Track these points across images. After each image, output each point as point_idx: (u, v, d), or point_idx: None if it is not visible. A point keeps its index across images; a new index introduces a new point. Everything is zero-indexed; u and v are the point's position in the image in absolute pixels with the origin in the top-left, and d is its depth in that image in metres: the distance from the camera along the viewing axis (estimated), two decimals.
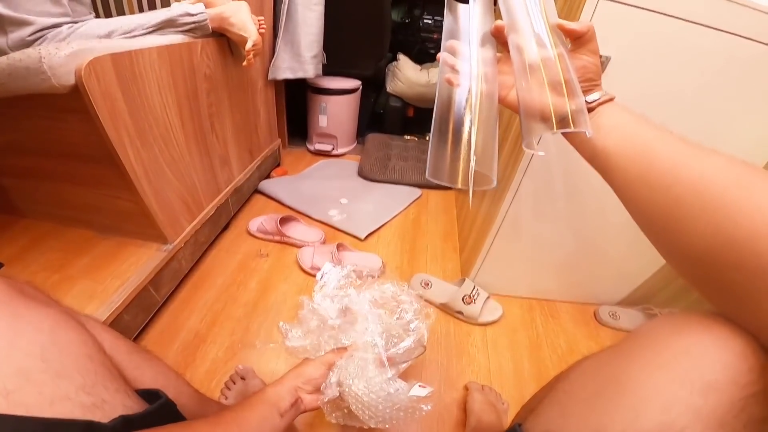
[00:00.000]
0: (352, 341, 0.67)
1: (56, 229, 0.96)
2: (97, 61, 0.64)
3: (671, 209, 0.33)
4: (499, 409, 0.83)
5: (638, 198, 0.36)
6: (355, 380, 0.58)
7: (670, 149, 0.35)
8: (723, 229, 0.28)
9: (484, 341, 1.02)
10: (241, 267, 1.16)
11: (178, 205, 0.97)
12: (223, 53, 1.06)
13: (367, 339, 0.65)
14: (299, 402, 0.56)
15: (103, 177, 0.81)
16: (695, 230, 0.30)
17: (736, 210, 0.28)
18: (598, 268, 1.10)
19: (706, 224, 0.29)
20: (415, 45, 2.00)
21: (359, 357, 0.62)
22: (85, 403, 0.36)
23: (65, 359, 0.38)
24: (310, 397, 0.58)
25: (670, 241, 0.34)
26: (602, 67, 0.72)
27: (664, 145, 0.35)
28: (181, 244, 0.98)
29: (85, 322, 0.49)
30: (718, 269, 0.29)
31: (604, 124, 0.40)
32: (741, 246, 0.27)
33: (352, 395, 0.57)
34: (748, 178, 0.29)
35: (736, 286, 0.28)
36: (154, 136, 0.84)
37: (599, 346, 1.06)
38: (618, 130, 0.39)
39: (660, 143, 0.36)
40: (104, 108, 0.68)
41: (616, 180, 0.39)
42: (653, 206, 0.35)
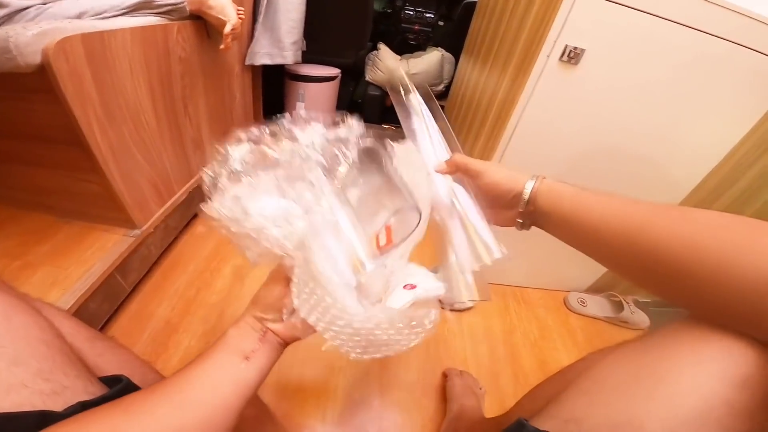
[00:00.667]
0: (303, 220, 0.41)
1: (15, 215, 0.90)
2: (67, 40, 0.63)
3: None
4: (478, 394, 0.85)
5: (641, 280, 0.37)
6: (324, 298, 0.37)
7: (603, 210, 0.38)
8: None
9: (460, 327, 1.04)
10: (215, 253, 1.13)
11: (147, 189, 0.93)
12: (200, 36, 1.03)
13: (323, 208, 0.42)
14: (269, 335, 0.41)
15: (68, 159, 0.78)
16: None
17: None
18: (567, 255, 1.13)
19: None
20: (396, 35, 2.00)
21: (320, 252, 0.39)
22: (44, 390, 0.34)
23: (20, 345, 0.36)
24: (279, 326, 0.42)
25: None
26: (577, 59, 0.75)
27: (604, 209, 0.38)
28: (151, 230, 0.95)
29: (42, 308, 0.47)
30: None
31: (555, 209, 0.42)
32: None
33: (324, 322, 0.38)
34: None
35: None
36: (124, 117, 0.81)
37: (570, 333, 1.11)
38: (565, 200, 0.42)
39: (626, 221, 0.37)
40: (71, 88, 0.65)
41: (601, 258, 0.40)
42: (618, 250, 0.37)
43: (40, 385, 0.35)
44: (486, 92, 1.07)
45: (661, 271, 0.33)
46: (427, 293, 0.43)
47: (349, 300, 0.38)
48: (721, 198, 0.97)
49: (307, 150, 0.42)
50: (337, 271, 0.40)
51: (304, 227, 0.39)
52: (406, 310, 0.41)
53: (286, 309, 0.41)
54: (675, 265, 0.32)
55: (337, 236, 0.42)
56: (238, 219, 0.38)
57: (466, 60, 1.48)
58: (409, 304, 0.42)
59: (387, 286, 0.44)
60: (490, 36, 1.13)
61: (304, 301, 0.38)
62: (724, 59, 0.74)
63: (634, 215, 0.36)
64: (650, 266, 0.34)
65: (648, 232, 0.34)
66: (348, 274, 0.41)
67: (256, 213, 0.38)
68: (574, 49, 0.74)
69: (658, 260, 0.33)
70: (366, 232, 0.44)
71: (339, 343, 0.38)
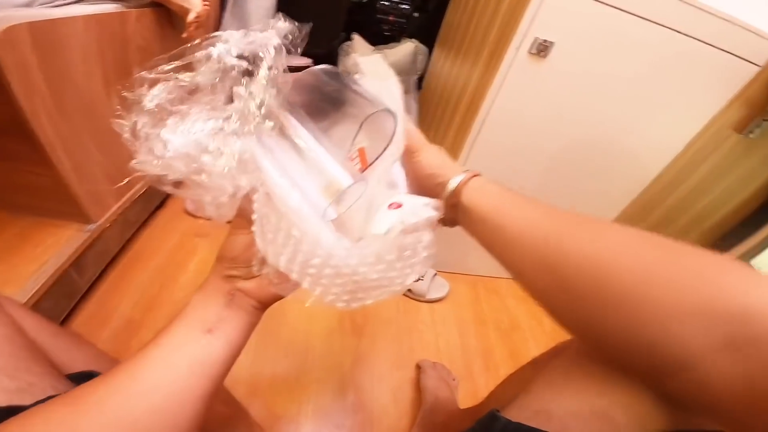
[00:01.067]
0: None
1: None
2: (13, 29, 0.60)
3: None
4: (451, 385, 0.86)
5: (543, 296, 0.35)
6: (292, 235, 0.30)
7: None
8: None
9: (432, 318, 1.05)
10: (179, 247, 1.09)
11: (103, 181, 0.89)
12: (161, 24, 1.00)
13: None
14: (239, 297, 0.34)
15: (14, 151, 0.73)
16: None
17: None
18: None
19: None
20: (371, 26, 1.97)
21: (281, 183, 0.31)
22: (9, 388, 0.33)
23: None
24: (251, 283, 0.34)
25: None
26: (546, 52, 0.76)
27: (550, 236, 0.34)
28: (107, 224, 0.90)
29: (2, 303, 0.44)
30: None
31: (475, 209, 0.39)
32: None
33: (297, 265, 0.30)
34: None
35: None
36: (76, 107, 0.77)
37: (538, 323, 1.14)
38: (495, 211, 0.38)
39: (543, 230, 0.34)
40: (17, 78, 0.62)
41: (508, 267, 0.38)
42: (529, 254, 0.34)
43: (4, 382, 0.33)
44: (458, 84, 1.07)
45: (569, 289, 0.30)
46: (417, 215, 0.35)
47: (325, 233, 0.31)
48: (680, 187, 1.01)
49: (225, 60, 0.32)
50: (307, 199, 0.32)
51: (244, 144, 0.31)
52: (394, 238, 0.33)
53: (255, 259, 0.32)
54: (582, 284, 0.29)
55: (295, 154, 0.33)
56: (172, 164, 0.30)
57: (440, 52, 1.49)
58: (397, 231, 0.33)
59: (370, 216, 0.35)
60: (464, 28, 1.13)
61: (270, 241, 0.30)
62: (686, 55, 0.77)
63: (552, 225, 0.33)
64: (559, 284, 0.31)
65: (562, 245, 0.31)
66: (321, 203, 0.33)
67: (188, 146, 0.30)
68: (543, 42, 0.75)
69: (565, 277, 0.30)
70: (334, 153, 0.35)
71: (321, 291, 0.31)
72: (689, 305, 0.23)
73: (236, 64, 0.32)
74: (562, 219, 0.33)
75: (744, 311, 0.22)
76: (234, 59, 0.32)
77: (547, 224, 0.33)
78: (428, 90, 1.57)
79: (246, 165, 0.30)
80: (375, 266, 0.31)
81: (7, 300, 0.47)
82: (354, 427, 0.80)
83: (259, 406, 0.78)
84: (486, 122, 0.87)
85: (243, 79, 0.32)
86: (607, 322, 0.28)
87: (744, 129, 0.86)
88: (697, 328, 0.23)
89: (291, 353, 0.89)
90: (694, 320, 0.23)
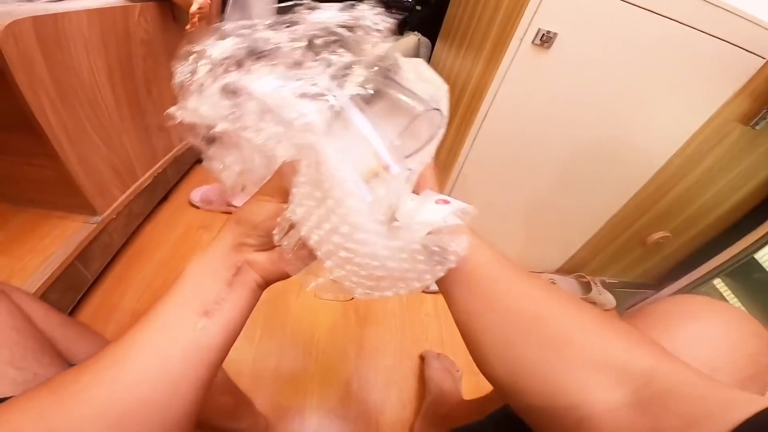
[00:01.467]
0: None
1: None
2: (16, 24, 0.60)
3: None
4: (455, 377, 0.86)
5: (471, 345, 0.34)
6: (335, 211, 0.28)
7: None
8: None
9: (436, 310, 1.05)
10: (183, 240, 1.10)
11: (108, 174, 0.89)
12: (165, 18, 1.00)
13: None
14: (245, 271, 0.31)
15: (19, 144, 0.74)
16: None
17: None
18: (538, 237, 1.17)
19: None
20: None
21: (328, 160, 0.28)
22: (16, 380, 0.33)
23: None
24: (262, 256, 0.31)
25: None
26: (549, 42, 0.76)
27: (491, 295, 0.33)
28: (113, 216, 0.91)
29: (10, 292, 0.43)
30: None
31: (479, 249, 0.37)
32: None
33: (331, 243, 0.28)
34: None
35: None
36: (80, 100, 0.78)
37: None
38: None
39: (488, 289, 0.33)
40: (22, 72, 0.63)
41: (453, 314, 0.36)
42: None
43: (11, 374, 0.33)
44: (461, 76, 1.06)
45: (508, 327, 0.30)
46: (464, 212, 0.33)
47: (369, 219, 0.29)
48: (684, 180, 1.01)
49: (315, 31, 0.30)
50: (353, 178, 0.29)
51: (321, 110, 0.28)
52: (430, 235, 0.31)
53: (278, 228, 0.29)
54: (523, 321, 0.30)
55: (350, 132, 0.31)
56: (224, 115, 0.28)
57: (443, 45, 1.48)
58: (438, 226, 0.31)
59: (400, 201, 0.33)
60: (466, 20, 1.12)
61: (307, 213, 0.28)
62: (691, 47, 0.77)
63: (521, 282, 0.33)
64: (500, 321, 0.31)
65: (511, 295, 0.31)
66: (362, 185, 0.30)
67: (256, 94, 0.28)
68: (547, 33, 0.74)
69: (507, 313, 0.31)
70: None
71: (343, 274, 0.29)
72: (608, 357, 0.26)
73: (334, 32, 0.30)
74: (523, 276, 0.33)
75: (651, 373, 0.24)
76: (335, 27, 0.30)
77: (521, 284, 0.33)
78: None
79: (310, 130, 0.28)
80: (403, 259, 0.30)
81: (15, 290, 0.47)
82: (358, 417, 0.81)
83: (264, 397, 0.79)
84: (489, 114, 0.86)
85: (338, 49, 0.30)
86: (534, 358, 0.28)
87: (750, 121, 0.86)
88: (609, 378, 0.25)
89: (295, 344, 0.90)
90: (608, 372, 0.25)
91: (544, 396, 0.27)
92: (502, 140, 0.91)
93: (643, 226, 1.14)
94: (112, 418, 0.25)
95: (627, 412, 0.23)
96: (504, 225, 1.12)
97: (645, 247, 1.19)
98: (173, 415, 0.27)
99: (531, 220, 1.11)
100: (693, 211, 1.10)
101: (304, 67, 0.30)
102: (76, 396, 0.25)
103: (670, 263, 1.28)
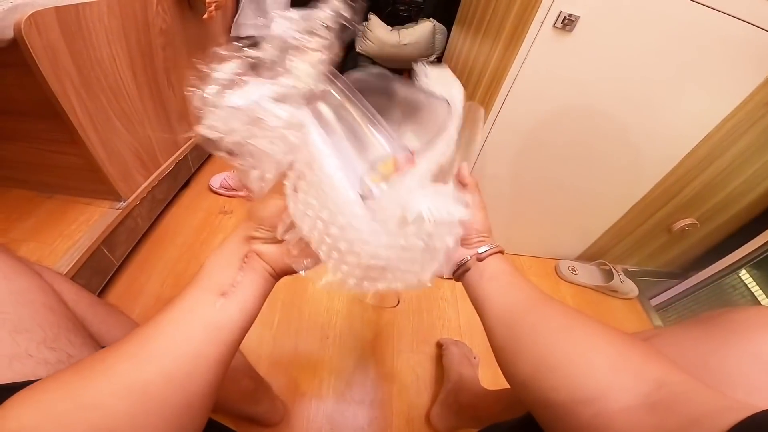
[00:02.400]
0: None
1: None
2: (39, 14, 0.62)
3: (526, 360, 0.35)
4: (473, 364, 0.86)
5: (504, 348, 0.37)
6: (327, 207, 0.31)
7: (531, 314, 0.37)
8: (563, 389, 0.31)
9: (454, 295, 1.05)
10: (204, 225, 1.12)
11: (131, 160, 0.91)
12: (181, 7, 1.01)
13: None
14: (254, 260, 0.34)
15: (45, 132, 0.76)
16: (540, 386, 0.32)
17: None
18: (558, 223, 1.15)
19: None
20: (387, 6, 1.93)
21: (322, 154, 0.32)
22: (49, 360, 0.32)
23: (23, 311, 0.34)
24: (269, 248, 0.35)
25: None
26: (571, 26, 0.74)
27: (528, 308, 0.38)
28: (137, 201, 0.93)
29: (41, 271, 0.44)
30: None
31: (487, 272, 0.43)
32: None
33: (327, 245, 0.32)
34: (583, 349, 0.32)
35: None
36: (103, 88, 0.79)
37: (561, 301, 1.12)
38: (497, 280, 0.42)
39: (525, 304, 0.38)
40: (46, 61, 0.64)
41: (487, 323, 0.41)
42: (514, 355, 0.36)
43: (45, 354, 0.32)
44: (478, 61, 1.05)
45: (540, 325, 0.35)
46: (450, 213, 0.34)
47: (352, 205, 0.31)
48: (711, 167, 0.98)
49: (287, 37, 0.34)
50: (350, 171, 0.32)
51: (295, 111, 0.32)
52: (414, 226, 0.33)
53: (282, 225, 0.33)
54: (552, 332, 0.34)
55: (349, 131, 0.34)
56: (235, 129, 0.32)
57: (459, 30, 1.45)
58: (421, 220, 0.33)
59: (402, 210, 0.34)
60: (483, 4, 1.10)
61: (302, 211, 0.31)
62: (720, 30, 0.73)
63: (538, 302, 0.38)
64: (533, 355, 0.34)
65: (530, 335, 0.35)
66: (366, 179, 0.33)
67: (247, 107, 0.32)
68: (569, 16, 0.72)
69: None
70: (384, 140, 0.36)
71: (333, 263, 0.32)
72: (626, 363, 0.29)
73: (295, 40, 0.34)
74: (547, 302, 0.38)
75: (661, 380, 0.27)
76: (293, 36, 0.34)
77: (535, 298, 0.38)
78: None
79: (295, 130, 0.32)
80: (395, 243, 0.32)
81: (46, 269, 0.47)
82: (374, 402, 0.81)
83: (282, 381, 0.80)
84: (508, 99, 0.85)
85: (297, 53, 0.34)
86: (561, 358, 0.32)
87: None
88: (626, 380, 0.28)
89: (313, 329, 0.91)
90: (626, 374, 0.28)
91: (566, 390, 0.30)
92: (522, 125, 0.89)
93: (668, 213, 1.11)
94: (136, 391, 0.26)
95: (637, 411, 0.26)
96: (524, 210, 1.10)
97: (670, 235, 1.16)
98: (194, 389, 0.29)
99: (551, 206, 1.09)
100: (721, 198, 1.06)
101: (277, 74, 0.34)
102: (104, 372, 0.27)
103: (695, 252, 1.25)
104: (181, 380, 0.28)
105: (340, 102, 0.36)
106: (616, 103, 0.85)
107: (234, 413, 0.71)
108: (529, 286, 0.40)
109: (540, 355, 0.33)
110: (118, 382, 0.26)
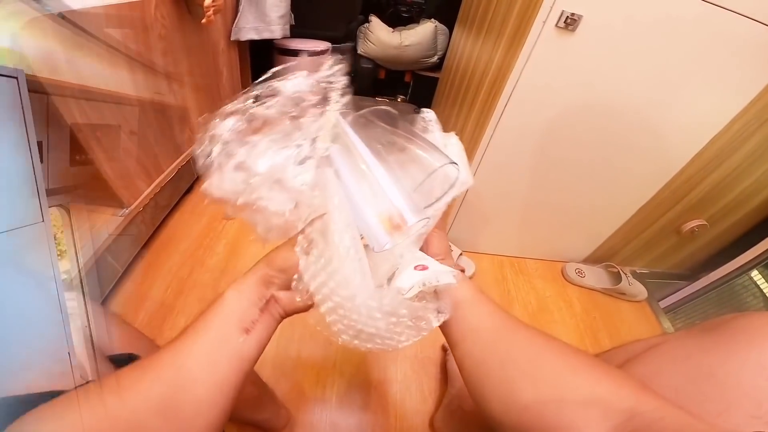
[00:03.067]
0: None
1: None
2: (35, 21, 0.61)
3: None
4: None
5: (474, 385, 0.39)
6: (333, 276, 0.35)
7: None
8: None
9: None
10: (207, 230, 1.12)
11: (133, 167, 0.91)
12: (180, 12, 1.00)
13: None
14: (272, 304, 0.38)
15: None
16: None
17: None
18: (565, 226, 1.13)
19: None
20: (388, 7, 1.93)
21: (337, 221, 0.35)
22: (53, 372, 0.34)
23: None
24: (285, 294, 0.38)
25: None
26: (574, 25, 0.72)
27: (495, 340, 0.39)
28: (140, 208, 0.93)
29: None
30: None
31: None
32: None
33: (329, 306, 0.36)
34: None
35: None
36: (104, 95, 0.79)
37: (567, 305, 1.11)
38: (460, 309, 0.42)
39: (491, 337, 0.39)
40: (44, 67, 0.64)
41: (456, 353, 0.42)
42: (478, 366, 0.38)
43: (48, 365, 0.34)
44: (480, 62, 1.04)
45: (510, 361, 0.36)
46: (438, 278, 0.38)
47: (357, 275, 0.35)
48: (720, 168, 0.96)
49: (294, 97, 0.36)
50: (365, 225, 0.35)
51: (318, 173, 0.35)
52: (411, 297, 0.37)
53: (296, 277, 0.37)
54: (526, 359, 0.35)
55: (363, 179, 0.36)
56: (242, 190, 0.35)
57: (460, 31, 1.44)
58: (417, 290, 0.37)
59: (394, 268, 0.39)
60: (485, 4, 1.09)
61: (312, 273, 0.35)
62: (728, 29, 0.72)
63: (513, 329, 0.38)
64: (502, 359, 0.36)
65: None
66: (379, 232, 0.36)
67: (259, 172, 0.34)
68: (572, 15, 0.71)
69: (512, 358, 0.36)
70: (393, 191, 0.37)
71: (332, 320, 0.36)
72: (595, 396, 0.30)
73: (307, 98, 0.36)
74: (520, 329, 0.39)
75: (633, 410, 0.28)
76: (307, 94, 0.36)
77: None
78: (449, 70, 1.53)
79: (319, 191, 0.35)
80: (386, 318, 0.36)
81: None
82: (378, 408, 0.81)
83: (285, 387, 0.80)
84: (511, 101, 0.84)
85: (312, 111, 0.36)
86: (529, 396, 0.33)
87: None
88: (596, 414, 0.29)
89: (316, 334, 0.90)
90: (595, 408, 0.29)
91: (539, 429, 0.31)
92: (525, 127, 0.88)
93: (677, 214, 1.09)
94: (170, 413, 0.30)
95: None
96: (530, 212, 1.09)
97: (680, 236, 1.14)
98: (218, 410, 0.33)
99: (557, 207, 1.08)
100: (731, 199, 1.04)
101: (291, 134, 0.36)
102: (140, 394, 0.30)
103: (705, 253, 1.22)
104: (208, 404, 0.32)
105: (353, 155, 0.38)
106: (622, 103, 0.83)
107: (238, 420, 0.70)
108: (493, 312, 0.40)
109: (509, 393, 0.34)
110: (153, 404, 0.30)
